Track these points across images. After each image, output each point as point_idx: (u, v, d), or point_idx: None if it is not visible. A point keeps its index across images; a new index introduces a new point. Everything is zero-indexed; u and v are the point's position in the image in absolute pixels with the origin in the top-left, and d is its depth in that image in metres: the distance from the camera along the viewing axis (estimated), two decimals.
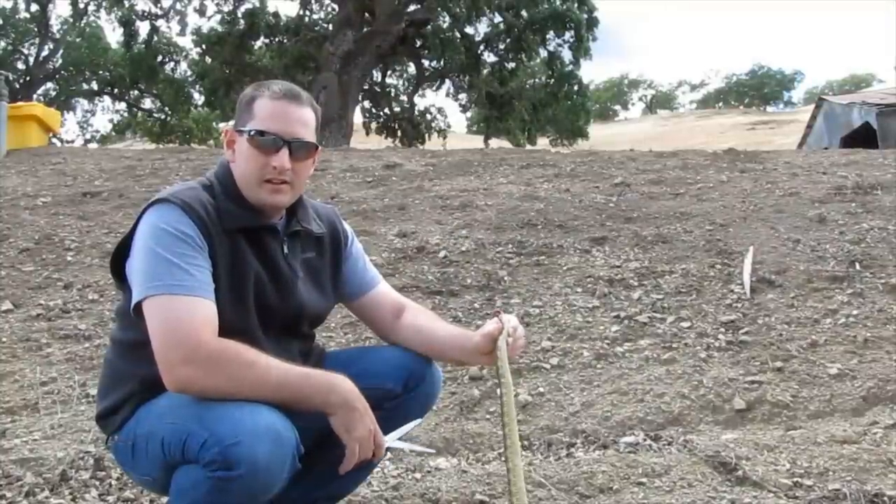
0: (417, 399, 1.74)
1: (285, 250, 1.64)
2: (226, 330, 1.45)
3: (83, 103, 28.55)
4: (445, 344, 1.71)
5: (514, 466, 1.49)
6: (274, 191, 1.57)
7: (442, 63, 18.25)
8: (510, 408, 1.53)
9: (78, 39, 24.97)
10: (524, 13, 17.24)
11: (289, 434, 1.39)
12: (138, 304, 1.45)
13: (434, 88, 20.35)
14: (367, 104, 20.29)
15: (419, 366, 1.73)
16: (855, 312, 3.48)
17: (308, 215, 1.70)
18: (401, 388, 1.71)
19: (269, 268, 1.60)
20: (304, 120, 1.59)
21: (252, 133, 1.55)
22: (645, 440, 2.54)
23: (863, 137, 15.09)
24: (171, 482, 1.43)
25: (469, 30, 17.86)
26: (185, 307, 1.42)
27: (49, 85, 26.69)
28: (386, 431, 1.77)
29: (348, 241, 1.80)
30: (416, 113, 20.23)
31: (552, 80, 18.09)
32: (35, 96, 24.14)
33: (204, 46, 18.94)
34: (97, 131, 30.17)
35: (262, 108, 1.56)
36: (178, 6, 19.64)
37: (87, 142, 28.20)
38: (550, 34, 17.42)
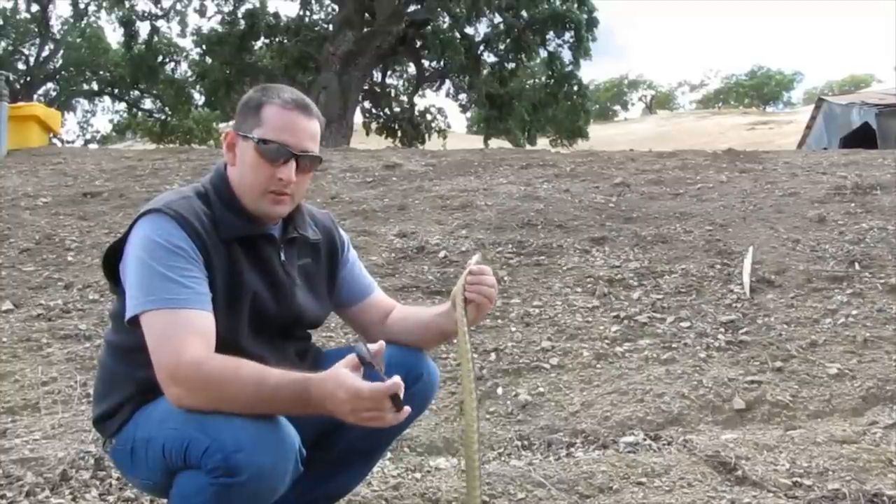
0: (415, 397, 1.73)
1: (282, 257, 1.63)
2: (218, 340, 1.45)
3: (83, 103, 28.59)
4: (430, 318, 1.73)
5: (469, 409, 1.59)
6: (275, 202, 1.56)
7: (442, 63, 18.25)
8: (464, 339, 1.61)
9: (78, 40, 24.98)
10: (524, 13, 17.24)
11: (291, 439, 1.39)
12: (135, 318, 1.44)
13: (434, 89, 20.36)
14: (367, 104, 20.29)
15: (416, 363, 1.73)
16: (854, 312, 3.48)
17: (304, 221, 1.69)
18: None
19: (267, 276, 1.59)
20: (313, 132, 1.58)
21: (260, 141, 1.52)
22: (645, 440, 2.54)
23: (862, 138, 15.10)
24: (173, 487, 1.43)
25: (469, 30, 17.88)
26: (174, 321, 1.40)
27: (49, 85, 26.72)
28: (384, 432, 1.77)
29: (344, 248, 1.80)
30: (416, 113, 20.22)
31: (552, 80, 18.09)
32: (35, 96, 24.15)
33: (204, 47, 18.94)
34: (97, 131, 30.22)
35: (271, 116, 1.53)
36: (179, 6, 19.69)
37: (87, 142, 28.22)
38: (550, 34, 17.42)
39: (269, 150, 1.52)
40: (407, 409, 1.34)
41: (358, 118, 19.49)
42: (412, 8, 17.32)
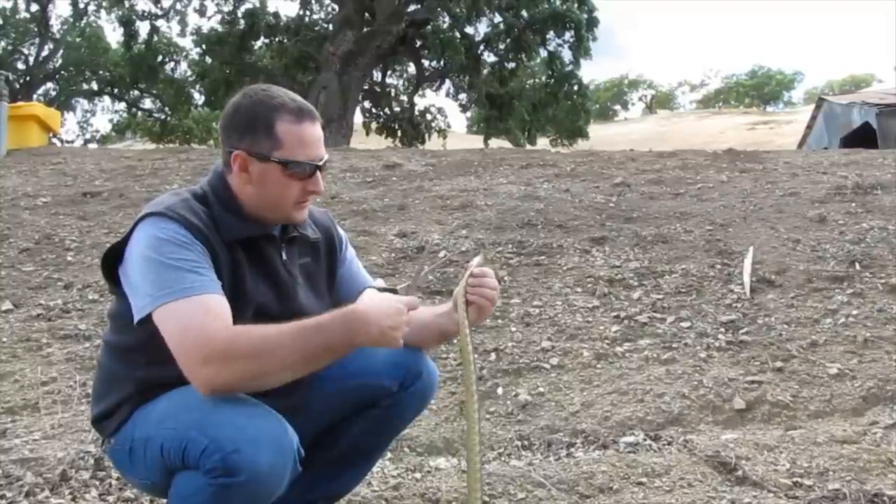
0: (414, 396, 1.75)
1: (283, 257, 1.63)
2: None
3: (83, 103, 28.58)
4: (431, 318, 1.73)
5: (471, 414, 1.58)
6: (303, 208, 1.62)
7: (442, 63, 18.24)
8: (466, 342, 1.62)
9: (78, 39, 24.97)
10: (524, 13, 17.24)
11: (289, 439, 1.39)
12: (147, 316, 1.42)
13: (434, 88, 20.34)
14: (367, 104, 20.28)
15: (415, 363, 1.74)
16: (855, 312, 3.48)
17: (304, 221, 1.70)
18: (397, 387, 1.71)
19: (269, 276, 1.59)
20: (321, 136, 1.60)
21: (286, 163, 1.53)
22: (645, 440, 2.54)
23: (862, 137, 15.10)
24: (172, 487, 1.43)
25: (469, 30, 17.86)
26: (195, 308, 1.39)
27: (49, 85, 26.71)
28: (383, 431, 1.78)
29: (342, 246, 1.80)
30: (416, 113, 20.21)
31: (552, 80, 18.09)
32: (35, 96, 24.14)
33: (204, 46, 18.93)
34: (97, 131, 30.21)
35: (287, 134, 1.53)
36: (178, 6, 19.69)
37: (87, 142, 28.22)
38: (550, 34, 17.41)
39: (297, 170, 1.54)
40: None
41: (358, 118, 19.51)
42: (412, 8, 17.32)
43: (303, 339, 1.39)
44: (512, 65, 18.24)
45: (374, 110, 20.54)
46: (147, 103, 25.80)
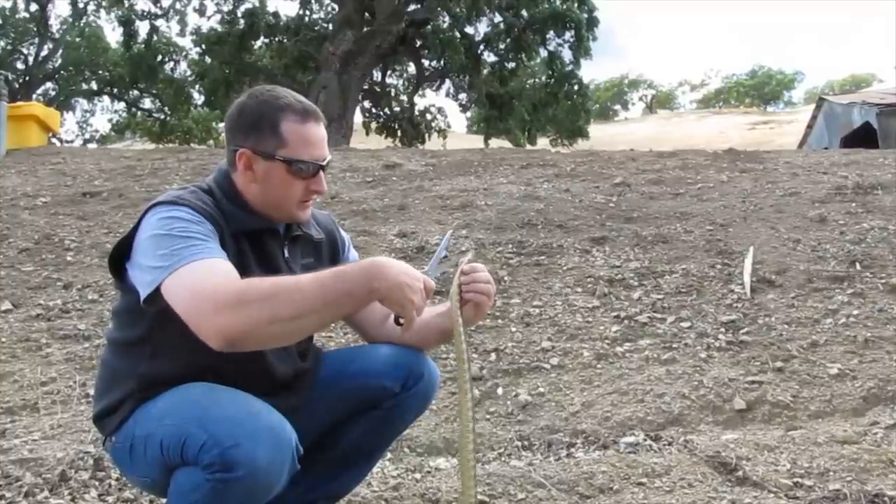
0: (416, 397, 1.75)
1: (286, 254, 1.64)
2: None
3: (83, 103, 28.55)
4: (430, 318, 1.72)
5: (464, 402, 1.56)
6: (306, 207, 1.63)
7: (442, 63, 18.23)
8: (460, 341, 1.59)
9: (77, 39, 24.96)
10: (524, 13, 17.23)
11: (288, 435, 1.39)
12: (156, 292, 1.41)
13: (434, 88, 20.33)
14: (367, 104, 20.27)
15: (417, 364, 1.74)
16: (855, 312, 3.48)
17: (308, 221, 1.70)
18: (399, 388, 1.71)
19: (272, 272, 1.59)
20: (325, 136, 1.61)
21: (290, 162, 1.55)
22: (645, 440, 2.54)
23: (863, 137, 15.10)
24: (171, 483, 1.43)
25: (469, 30, 17.85)
26: (204, 268, 1.39)
27: (48, 85, 26.67)
28: (385, 432, 1.78)
29: (345, 248, 1.81)
30: (416, 113, 20.21)
31: (552, 79, 18.08)
32: (34, 96, 24.11)
33: (203, 46, 18.92)
34: (96, 131, 30.18)
35: (292, 133, 1.55)
36: (178, 6, 19.68)
37: (86, 142, 28.19)
38: (550, 34, 17.41)
39: (301, 169, 1.56)
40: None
41: (358, 118, 19.50)
42: (412, 7, 17.30)
43: (319, 284, 1.37)
44: (512, 65, 18.22)
45: (374, 110, 20.54)
46: (146, 103, 25.77)
